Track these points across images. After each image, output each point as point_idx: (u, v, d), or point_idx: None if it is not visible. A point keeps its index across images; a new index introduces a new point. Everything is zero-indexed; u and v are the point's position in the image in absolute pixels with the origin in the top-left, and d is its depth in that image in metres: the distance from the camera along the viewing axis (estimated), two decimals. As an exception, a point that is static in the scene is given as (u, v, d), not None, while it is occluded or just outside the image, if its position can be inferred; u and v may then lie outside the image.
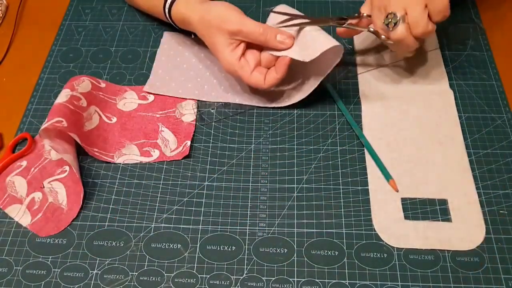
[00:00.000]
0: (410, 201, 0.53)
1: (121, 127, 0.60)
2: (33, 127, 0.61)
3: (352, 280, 0.48)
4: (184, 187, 0.55)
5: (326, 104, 0.61)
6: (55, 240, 0.52)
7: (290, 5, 0.61)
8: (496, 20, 0.69)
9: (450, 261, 0.49)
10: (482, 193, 0.53)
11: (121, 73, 0.66)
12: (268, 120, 0.60)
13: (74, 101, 0.58)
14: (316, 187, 0.54)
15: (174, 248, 0.51)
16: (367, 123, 0.59)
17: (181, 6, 0.61)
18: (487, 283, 0.48)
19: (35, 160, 0.57)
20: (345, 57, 0.64)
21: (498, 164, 0.55)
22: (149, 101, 0.62)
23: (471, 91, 0.61)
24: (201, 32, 0.60)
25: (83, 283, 0.49)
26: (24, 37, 0.72)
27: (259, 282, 0.49)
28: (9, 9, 0.75)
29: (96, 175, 0.56)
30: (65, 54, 0.69)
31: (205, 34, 0.59)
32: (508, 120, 0.59)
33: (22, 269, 0.50)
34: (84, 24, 0.72)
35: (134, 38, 0.70)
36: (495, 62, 0.64)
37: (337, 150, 0.57)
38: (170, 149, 0.58)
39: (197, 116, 0.61)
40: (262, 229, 0.52)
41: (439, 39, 0.66)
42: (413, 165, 0.55)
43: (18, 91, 0.65)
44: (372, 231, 0.51)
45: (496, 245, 0.50)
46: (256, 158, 0.57)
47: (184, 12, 0.61)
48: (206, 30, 0.59)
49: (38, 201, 0.54)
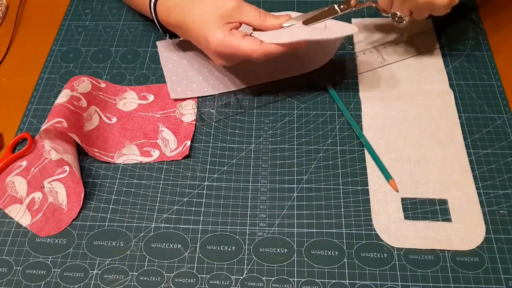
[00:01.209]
0: (410, 201, 0.53)
1: (121, 127, 0.60)
2: (33, 127, 0.61)
3: (352, 280, 0.48)
4: (184, 187, 0.55)
5: (326, 104, 0.61)
6: (55, 240, 0.52)
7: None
8: (496, 20, 0.69)
9: (450, 261, 0.49)
10: (482, 193, 0.53)
11: (121, 73, 0.66)
12: (268, 120, 0.60)
13: (74, 102, 0.58)
14: (316, 187, 0.54)
15: (174, 248, 0.51)
16: (367, 123, 0.59)
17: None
18: (487, 283, 0.48)
19: (35, 160, 0.57)
20: (345, 57, 0.65)
21: (498, 164, 0.55)
22: (149, 101, 0.62)
23: (471, 91, 0.61)
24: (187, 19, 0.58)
25: (83, 283, 0.49)
26: (24, 37, 0.72)
27: (259, 282, 0.49)
28: (9, 9, 0.75)
29: (96, 175, 0.56)
30: (65, 54, 0.69)
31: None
32: (508, 120, 0.59)
33: (22, 269, 0.50)
34: (84, 24, 0.72)
35: (134, 38, 0.70)
36: (495, 62, 0.64)
37: (337, 150, 0.57)
38: (170, 149, 0.58)
39: (197, 116, 0.61)
40: (262, 229, 0.52)
41: (439, 39, 0.66)
42: (413, 165, 0.55)
43: (18, 91, 0.65)
44: (372, 231, 0.51)
45: (496, 245, 0.50)
46: (256, 158, 0.57)
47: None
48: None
49: (38, 201, 0.54)
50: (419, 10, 0.58)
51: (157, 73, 0.65)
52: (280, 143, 0.58)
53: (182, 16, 0.58)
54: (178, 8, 0.58)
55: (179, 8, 0.58)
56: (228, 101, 0.62)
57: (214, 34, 0.54)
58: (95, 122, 0.60)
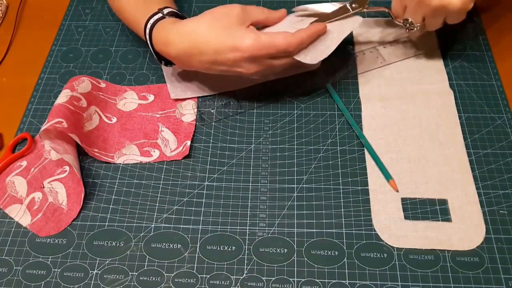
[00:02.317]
0: (410, 201, 0.53)
1: (121, 127, 0.60)
2: (33, 127, 0.61)
3: (352, 280, 0.48)
4: (184, 187, 0.55)
5: (326, 104, 0.61)
6: (55, 240, 0.52)
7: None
8: (496, 20, 0.69)
9: (450, 261, 0.49)
10: (482, 193, 0.53)
11: (121, 73, 0.66)
12: (268, 120, 0.60)
13: (74, 102, 0.58)
14: (316, 187, 0.54)
15: (174, 248, 0.51)
16: (367, 123, 0.59)
17: (169, 22, 0.56)
18: (487, 283, 0.48)
19: (35, 160, 0.57)
20: (345, 57, 0.65)
21: (498, 164, 0.55)
22: (149, 101, 0.62)
23: (471, 91, 0.61)
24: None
25: (83, 283, 0.49)
26: (24, 37, 0.72)
27: (259, 282, 0.49)
28: (9, 9, 0.75)
29: (96, 175, 0.56)
30: (65, 54, 0.69)
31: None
32: (508, 120, 0.59)
33: (22, 269, 0.50)
34: (84, 24, 0.72)
35: (134, 38, 0.70)
36: (495, 62, 0.64)
37: (337, 150, 0.57)
38: (170, 149, 0.58)
39: (197, 116, 0.61)
40: (262, 229, 0.52)
41: (439, 39, 0.66)
42: (413, 165, 0.55)
43: (18, 91, 0.65)
44: (372, 231, 0.51)
45: (496, 245, 0.50)
46: (256, 158, 0.57)
47: (172, 27, 0.55)
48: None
49: (38, 201, 0.54)
50: (432, 16, 0.56)
51: (157, 73, 0.65)
52: (280, 143, 0.58)
53: (188, 42, 0.54)
54: (178, 37, 0.55)
55: (180, 36, 0.55)
56: (228, 101, 0.62)
57: (244, 39, 0.52)
58: (95, 122, 0.60)
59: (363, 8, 0.58)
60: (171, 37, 0.55)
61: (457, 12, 0.55)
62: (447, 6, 0.54)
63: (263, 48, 0.52)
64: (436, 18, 0.57)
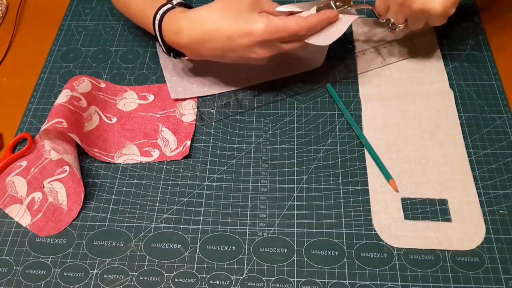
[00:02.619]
0: (410, 201, 0.53)
1: (121, 127, 0.60)
2: (33, 127, 0.61)
3: (352, 280, 0.48)
4: (184, 187, 0.55)
5: (326, 104, 0.61)
6: (55, 240, 0.52)
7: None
8: (496, 20, 0.69)
9: (450, 261, 0.49)
10: (482, 193, 0.53)
11: (121, 73, 0.66)
12: (268, 120, 0.60)
13: (74, 102, 0.58)
14: (316, 187, 0.54)
15: (174, 248, 0.51)
16: (367, 123, 0.59)
17: (179, 11, 0.57)
18: (487, 283, 0.48)
19: (35, 160, 0.57)
20: (345, 57, 0.65)
21: (498, 164, 0.55)
22: (149, 101, 0.62)
23: (471, 91, 0.61)
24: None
25: (83, 283, 0.49)
26: (24, 37, 0.72)
27: (259, 282, 0.49)
28: (9, 9, 0.75)
29: (96, 175, 0.56)
30: (65, 54, 0.69)
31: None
32: (508, 120, 0.59)
33: (22, 269, 0.50)
34: (84, 24, 0.72)
35: (134, 38, 0.70)
36: (495, 62, 0.64)
37: (337, 150, 0.57)
38: (170, 149, 0.58)
39: (197, 116, 0.61)
40: (262, 229, 0.52)
41: (439, 39, 0.66)
42: (413, 165, 0.55)
43: (18, 91, 0.65)
44: (372, 231, 0.51)
45: (496, 245, 0.50)
46: (256, 158, 0.57)
47: (182, 15, 0.56)
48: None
49: (38, 201, 0.54)
50: (414, 19, 0.57)
51: (157, 73, 0.65)
52: (280, 143, 0.58)
53: (200, 29, 0.54)
54: (189, 24, 0.55)
55: (191, 23, 0.55)
56: (228, 101, 0.62)
57: (257, 23, 0.52)
58: (95, 122, 0.60)
59: (348, 6, 0.58)
60: (182, 25, 0.55)
61: (439, 17, 0.55)
62: (429, 10, 0.54)
63: (276, 31, 0.53)
64: (418, 21, 0.57)
